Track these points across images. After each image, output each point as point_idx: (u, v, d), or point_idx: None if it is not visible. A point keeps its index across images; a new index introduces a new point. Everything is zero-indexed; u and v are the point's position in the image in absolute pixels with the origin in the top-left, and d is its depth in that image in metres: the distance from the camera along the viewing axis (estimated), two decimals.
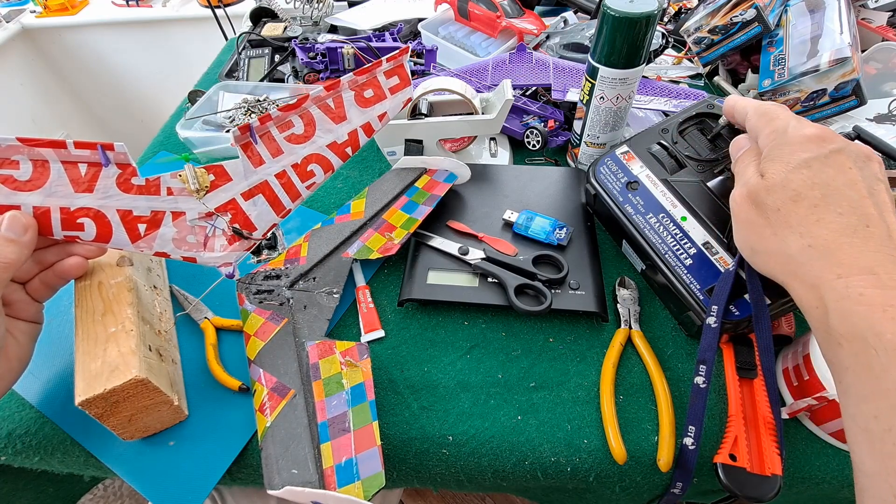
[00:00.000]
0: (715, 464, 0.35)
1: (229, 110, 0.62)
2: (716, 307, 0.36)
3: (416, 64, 0.72)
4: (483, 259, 0.45)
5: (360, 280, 0.47)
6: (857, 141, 0.41)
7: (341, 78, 0.40)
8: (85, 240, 0.34)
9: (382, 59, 0.43)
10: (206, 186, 0.36)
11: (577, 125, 0.55)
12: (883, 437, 0.23)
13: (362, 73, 0.42)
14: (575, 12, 0.82)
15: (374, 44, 0.70)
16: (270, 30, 0.82)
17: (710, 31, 0.66)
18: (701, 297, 0.38)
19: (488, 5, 0.75)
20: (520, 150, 0.62)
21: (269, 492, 0.31)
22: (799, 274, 0.28)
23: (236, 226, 0.37)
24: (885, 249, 0.25)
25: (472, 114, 0.56)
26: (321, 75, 0.72)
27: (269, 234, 0.39)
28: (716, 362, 0.40)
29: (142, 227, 0.35)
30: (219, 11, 1.14)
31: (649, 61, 0.73)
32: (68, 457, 0.38)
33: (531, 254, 0.45)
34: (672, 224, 0.41)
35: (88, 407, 0.32)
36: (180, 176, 0.35)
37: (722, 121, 0.41)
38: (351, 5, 0.90)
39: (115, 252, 0.40)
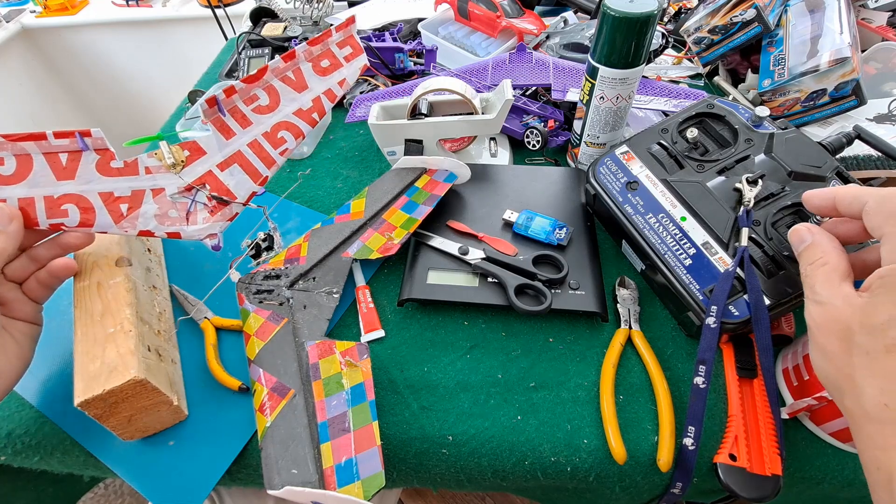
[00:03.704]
0: (715, 464, 0.35)
1: None
2: (715, 307, 0.36)
3: (415, 64, 0.72)
4: (483, 259, 0.45)
5: (360, 280, 0.47)
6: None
7: (296, 48, 0.42)
8: (69, 226, 0.35)
9: (331, 28, 0.45)
10: (183, 161, 0.37)
11: (577, 125, 0.55)
12: None
13: (315, 44, 0.43)
14: (575, 12, 0.82)
15: (373, 44, 0.70)
16: (270, 30, 0.82)
17: (710, 31, 0.66)
18: (700, 298, 0.38)
19: (488, 5, 0.75)
20: (520, 150, 0.62)
21: (269, 492, 0.31)
22: (867, 429, 0.25)
23: (215, 193, 0.38)
24: None
25: (472, 114, 0.55)
26: None
27: (262, 227, 0.39)
28: (716, 362, 0.40)
29: (123, 207, 0.35)
30: (219, 11, 1.14)
31: (649, 61, 0.73)
32: (68, 457, 0.38)
33: (531, 254, 0.45)
34: (672, 224, 0.41)
35: (87, 408, 0.32)
36: (156, 154, 0.36)
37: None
38: (351, 5, 0.90)
39: (114, 252, 0.40)
